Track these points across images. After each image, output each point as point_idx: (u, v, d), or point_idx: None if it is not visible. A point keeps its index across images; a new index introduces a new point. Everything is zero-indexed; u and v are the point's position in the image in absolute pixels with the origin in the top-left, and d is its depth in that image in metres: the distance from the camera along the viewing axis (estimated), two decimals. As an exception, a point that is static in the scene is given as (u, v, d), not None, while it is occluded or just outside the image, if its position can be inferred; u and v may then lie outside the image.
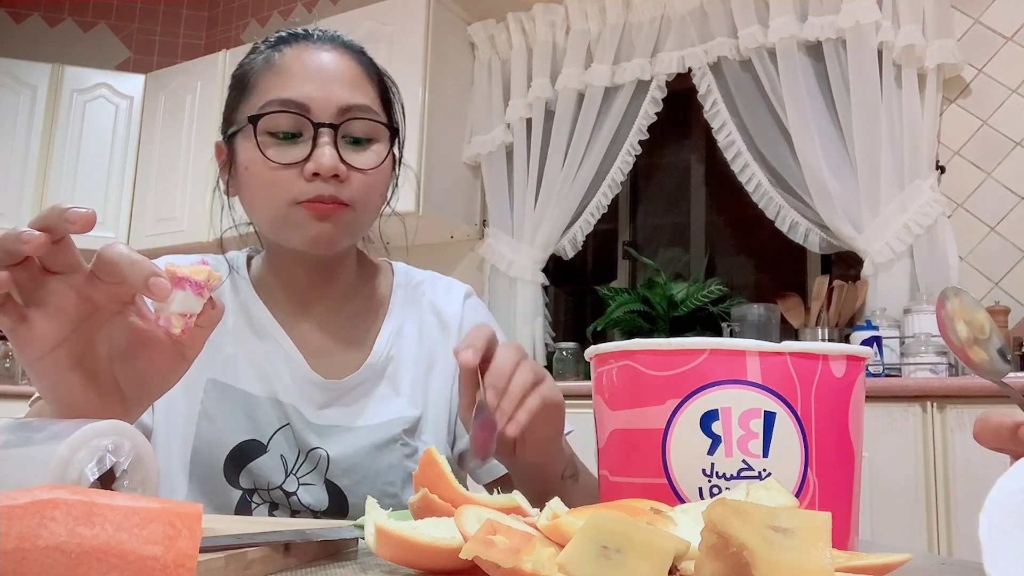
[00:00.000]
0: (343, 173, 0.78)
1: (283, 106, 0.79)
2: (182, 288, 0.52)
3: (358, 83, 0.83)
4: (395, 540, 0.39)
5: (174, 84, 3.81)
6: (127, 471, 0.45)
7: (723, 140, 2.80)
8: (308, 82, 0.80)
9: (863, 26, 2.52)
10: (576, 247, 3.08)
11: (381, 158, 0.82)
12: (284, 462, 0.83)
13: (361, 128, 0.81)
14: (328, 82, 0.80)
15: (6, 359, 3.76)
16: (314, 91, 0.79)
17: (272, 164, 0.79)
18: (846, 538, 0.48)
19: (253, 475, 0.82)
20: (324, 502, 0.82)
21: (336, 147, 0.79)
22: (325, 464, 0.83)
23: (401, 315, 0.93)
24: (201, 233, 3.55)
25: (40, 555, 0.29)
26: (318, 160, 0.77)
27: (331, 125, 0.79)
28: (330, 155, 0.77)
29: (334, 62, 0.83)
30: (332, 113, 0.79)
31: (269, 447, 0.83)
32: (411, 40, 3.10)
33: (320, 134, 0.78)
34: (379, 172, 0.82)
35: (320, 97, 0.79)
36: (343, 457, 0.83)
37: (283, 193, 0.79)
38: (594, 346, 0.53)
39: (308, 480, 0.83)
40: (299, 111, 0.79)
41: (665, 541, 0.31)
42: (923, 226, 2.41)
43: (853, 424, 0.48)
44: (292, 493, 0.82)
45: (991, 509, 0.28)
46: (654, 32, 2.98)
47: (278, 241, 0.85)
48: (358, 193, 0.80)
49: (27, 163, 3.72)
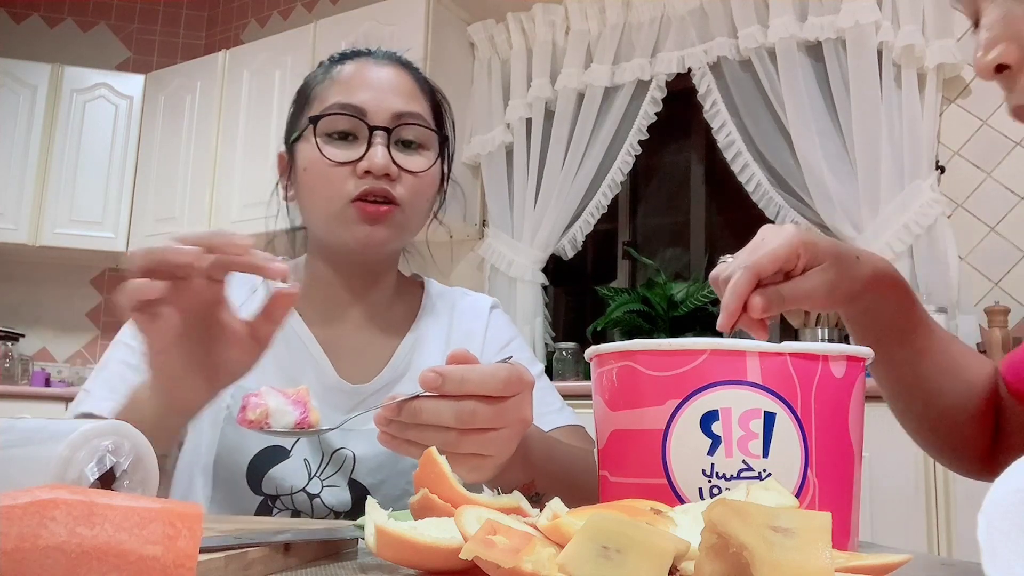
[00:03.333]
0: (394, 173, 0.84)
1: (342, 109, 0.85)
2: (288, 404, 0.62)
3: (412, 94, 0.89)
4: (395, 540, 0.39)
5: (174, 84, 3.81)
6: (127, 471, 0.45)
7: (723, 140, 2.80)
8: (365, 90, 0.87)
9: (863, 26, 2.52)
10: (576, 247, 3.08)
11: (430, 163, 0.88)
12: (307, 465, 0.84)
13: (413, 133, 0.87)
14: (383, 91, 0.87)
15: (6, 359, 3.76)
16: (370, 98, 0.86)
17: (329, 162, 0.84)
18: (846, 538, 0.48)
19: (275, 481, 0.82)
20: (348, 503, 0.83)
21: (388, 149, 0.84)
22: (351, 464, 0.84)
23: (426, 327, 0.96)
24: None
25: (40, 555, 0.29)
26: (371, 159, 0.83)
27: (385, 128, 0.85)
28: (382, 154, 0.83)
29: (390, 75, 0.89)
30: (387, 118, 0.85)
31: (292, 452, 0.84)
32: (411, 40, 3.10)
33: (374, 136, 0.84)
34: (428, 176, 0.88)
35: (375, 103, 0.85)
36: (369, 456, 0.84)
37: (338, 190, 0.84)
38: (594, 346, 0.53)
39: (332, 482, 0.84)
40: (356, 114, 0.85)
41: (665, 541, 0.31)
42: (923, 226, 2.41)
43: (853, 424, 0.48)
44: (315, 495, 0.83)
45: (989, 510, 0.28)
46: (654, 32, 2.98)
47: (330, 241, 0.88)
48: (407, 194, 0.85)
49: (27, 163, 3.72)
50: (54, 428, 0.45)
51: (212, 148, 3.60)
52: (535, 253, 3.08)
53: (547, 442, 0.76)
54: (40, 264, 4.01)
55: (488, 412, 0.57)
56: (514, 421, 0.59)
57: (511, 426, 0.59)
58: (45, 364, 3.99)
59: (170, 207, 3.68)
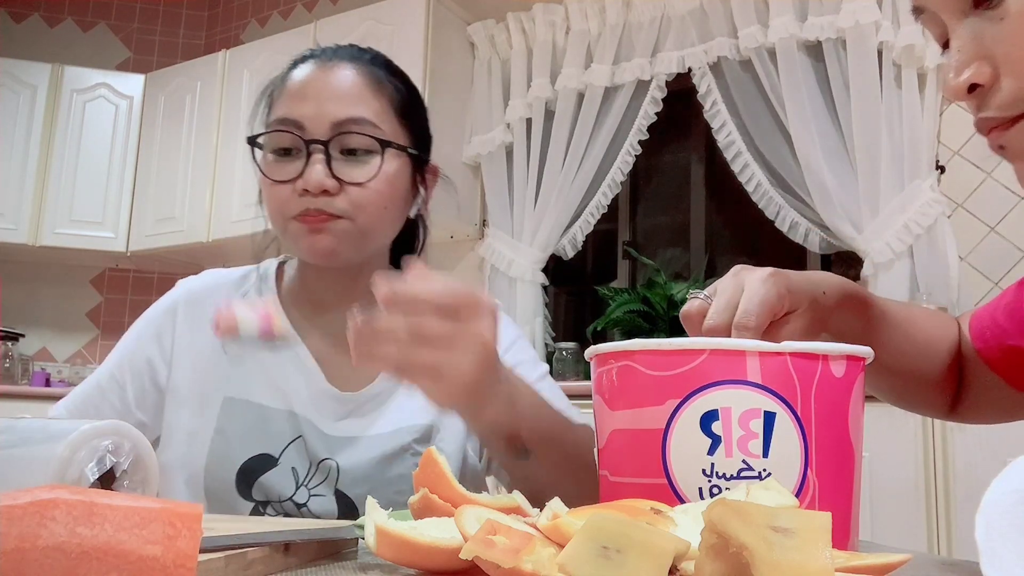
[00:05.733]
0: (333, 188, 0.81)
1: (280, 125, 0.83)
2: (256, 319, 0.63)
3: (358, 96, 0.84)
4: (395, 540, 0.39)
5: (174, 84, 3.81)
6: (127, 471, 0.45)
7: (723, 140, 2.80)
8: (306, 101, 0.83)
9: (863, 26, 2.52)
10: (576, 247, 3.08)
11: (377, 169, 0.83)
12: (295, 474, 0.83)
13: (356, 142, 0.83)
14: (323, 99, 0.83)
15: (6, 359, 3.76)
16: (308, 109, 0.82)
17: (268, 181, 0.83)
18: (846, 538, 0.48)
19: (264, 488, 0.82)
20: (334, 512, 0.83)
21: (328, 163, 0.81)
22: (335, 475, 0.83)
23: None
24: (201, 233, 3.55)
25: (40, 555, 0.29)
26: (306, 177, 0.80)
27: (320, 142, 0.81)
28: (317, 172, 0.80)
29: (337, 78, 0.85)
30: (324, 130, 0.82)
31: (280, 460, 0.83)
32: (411, 40, 3.10)
33: (312, 151, 0.81)
34: (380, 182, 0.83)
35: (313, 115, 0.82)
36: (353, 467, 0.83)
37: (282, 208, 0.83)
38: (594, 346, 0.53)
39: (319, 491, 0.83)
40: (292, 130, 0.82)
41: (665, 541, 0.31)
42: (923, 226, 2.41)
43: (853, 424, 0.48)
44: (303, 504, 0.83)
45: (987, 510, 0.28)
46: (654, 32, 2.98)
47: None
48: (352, 207, 0.82)
49: (27, 163, 3.72)
50: (54, 428, 0.45)
51: (212, 148, 3.60)
52: (535, 253, 3.08)
53: (539, 401, 0.74)
54: (40, 264, 4.01)
55: (440, 326, 0.58)
56: (471, 342, 0.59)
57: (467, 345, 0.59)
58: (45, 364, 3.99)
59: (170, 207, 3.68)
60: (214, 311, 0.87)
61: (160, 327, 0.91)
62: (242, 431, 0.84)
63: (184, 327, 0.90)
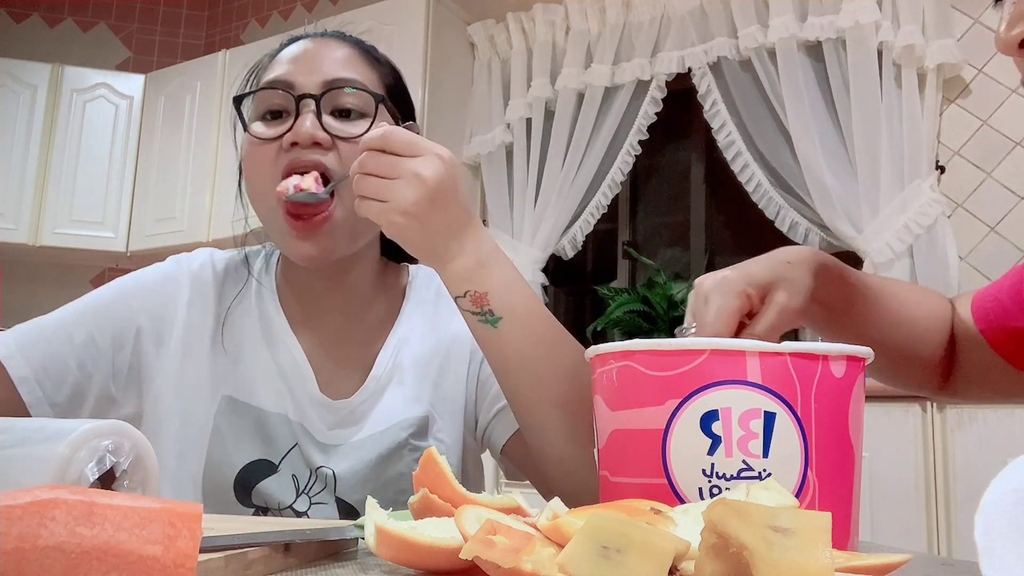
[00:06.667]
0: (325, 141, 0.77)
1: (269, 85, 0.80)
2: None
3: (349, 62, 0.82)
4: (395, 540, 0.39)
5: (174, 84, 3.81)
6: (127, 471, 0.45)
7: (723, 140, 2.80)
8: (296, 64, 0.81)
9: (863, 26, 2.52)
10: (576, 247, 3.08)
11: (369, 126, 0.79)
12: (296, 481, 0.81)
13: (350, 100, 0.79)
14: (316, 63, 0.80)
15: (6, 359, 3.76)
16: (299, 70, 0.80)
17: (255, 141, 0.79)
18: (846, 538, 0.48)
19: (263, 495, 0.80)
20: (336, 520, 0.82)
21: (320, 118, 0.78)
22: (333, 482, 0.81)
23: (411, 320, 0.90)
24: (201, 233, 3.55)
25: (40, 555, 0.29)
26: (296, 128, 0.77)
27: (312, 96, 0.78)
28: (308, 121, 0.77)
29: (327, 47, 0.83)
30: (315, 86, 0.79)
31: (281, 467, 0.81)
32: (411, 40, 3.10)
33: (302, 105, 0.78)
34: None
35: (305, 75, 0.79)
36: (350, 473, 0.81)
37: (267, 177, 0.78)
38: (594, 346, 0.53)
39: (320, 499, 0.81)
40: (281, 87, 0.79)
41: (665, 541, 0.31)
42: (923, 226, 2.41)
43: (853, 424, 0.48)
44: (303, 513, 0.81)
45: (987, 510, 0.28)
46: (654, 32, 2.98)
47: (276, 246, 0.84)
48: (343, 167, 0.77)
49: (27, 163, 3.72)
50: (54, 428, 0.45)
51: (212, 148, 3.60)
52: (535, 253, 3.08)
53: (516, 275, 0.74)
54: (40, 264, 4.00)
55: (376, 160, 0.68)
56: (407, 173, 0.67)
57: (404, 177, 0.67)
58: (45, 364, 3.98)
59: (170, 207, 3.68)
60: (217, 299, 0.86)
61: (157, 302, 0.85)
62: (239, 434, 0.81)
63: (184, 310, 0.85)
